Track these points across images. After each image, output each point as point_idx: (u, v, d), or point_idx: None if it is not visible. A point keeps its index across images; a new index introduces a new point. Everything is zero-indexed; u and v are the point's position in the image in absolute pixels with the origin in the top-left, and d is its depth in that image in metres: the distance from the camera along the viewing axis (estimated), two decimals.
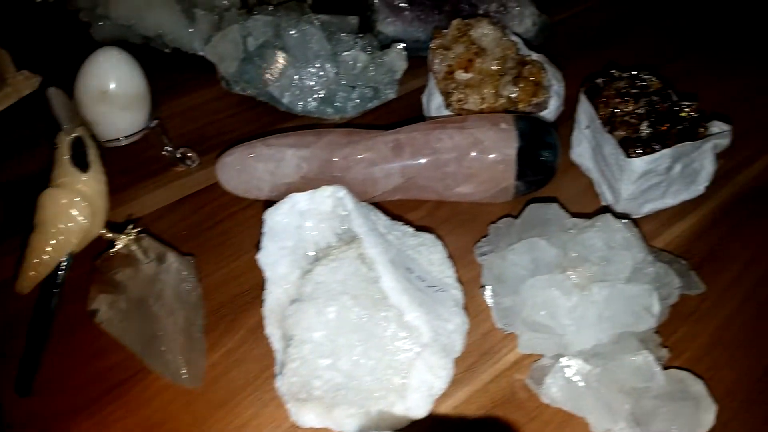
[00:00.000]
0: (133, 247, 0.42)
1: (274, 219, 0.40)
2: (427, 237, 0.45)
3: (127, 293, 0.41)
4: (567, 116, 0.62)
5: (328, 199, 0.41)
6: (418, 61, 0.71)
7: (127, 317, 0.41)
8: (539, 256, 0.43)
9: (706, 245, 0.51)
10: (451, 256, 0.46)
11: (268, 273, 0.40)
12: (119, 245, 0.42)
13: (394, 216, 0.53)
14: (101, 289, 0.42)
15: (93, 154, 0.42)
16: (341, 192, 0.41)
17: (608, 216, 0.43)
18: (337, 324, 0.37)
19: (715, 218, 0.53)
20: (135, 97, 0.55)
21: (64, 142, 0.40)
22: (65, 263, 0.41)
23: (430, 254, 0.44)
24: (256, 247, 0.41)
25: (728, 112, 0.63)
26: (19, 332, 0.43)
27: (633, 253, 0.41)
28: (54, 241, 0.39)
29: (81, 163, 0.40)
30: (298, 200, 0.40)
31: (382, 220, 0.44)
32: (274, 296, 0.40)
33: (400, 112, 0.66)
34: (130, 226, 0.42)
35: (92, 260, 0.44)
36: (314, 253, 0.41)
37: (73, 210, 0.39)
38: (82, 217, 0.39)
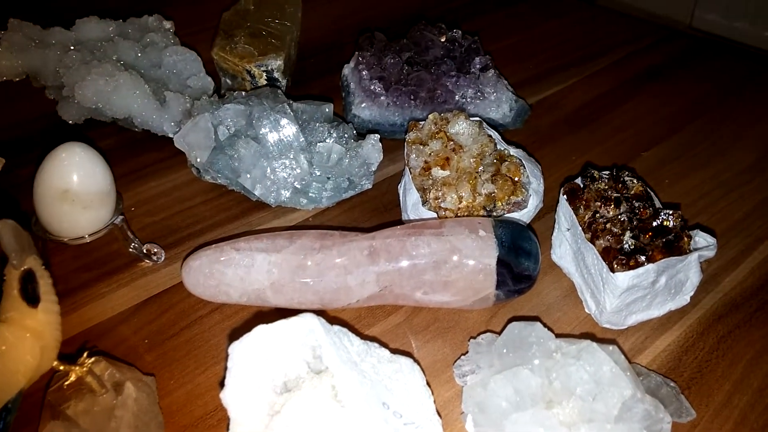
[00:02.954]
0: (88, 379, 0.39)
1: (240, 353, 0.37)
2: (404, 362, 0.43)
3: (81, 426, 0.38)
4: (546, 212, 0.60)
5: (298, 330, 0.38)
6: (394, 143, 0.69)
7: None
8: (522, 387, 0.40)
9: (694, 361, 0.49)
10: (428, 383, 0.43)
11: (233, 413, 0.37)
12: (72, 377, 0.39)
13: (367, 332, 0.51)
14: (53, 425, 0.38)
15: (45, 285, 0.39)
16: (312, 322, 0.38)
17: (593, 346, 0.41)
18: None
19: (702, 329, 0.51)
20: (98, 195, 0.52)
21: (13, 275, 0.38)
22: (12, 404, 0.38)
23: (407, 382, 0.42)
24: (223, 359, 0.39)
25: (706, 206, 0.63)
26: None
27: (621, 389, 0.39)
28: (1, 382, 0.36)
29: (31, 296, 0.37)
30: (266, 332, 0.38)
31: (355, 346, 0.41)
32: None
33: (375, 202, 0.64)
34: (85, 355, 0.39)
35: (44, 391, 0.41)
36: (284, 386, 0.39)
37: (21, 349, 0.36)
38: (30, 356, 0.36)
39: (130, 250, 0.56)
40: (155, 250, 0.57)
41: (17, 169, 0.64)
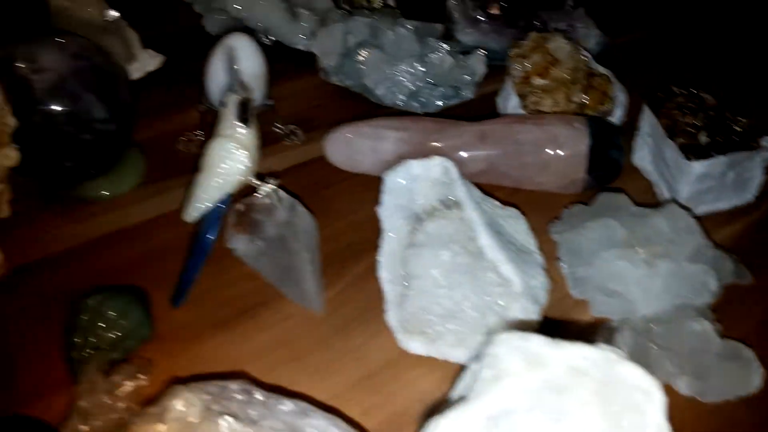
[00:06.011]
0: (272, 196, 0.50)
1: (392, 179, 0.48)
2: (513, 211, 0.53)
3: (265, 232, 0.49)
4: (628, 126, 0.69)
5: (437, 167, 0.48)
6: (491, 68, 0.79)
7: (264, 252, 0.49)
8: (611, 234, 0.50)
9: (754, 247, 0.57)
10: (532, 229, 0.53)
11: (386, 224, 0.48)
12: (261, 193, 0.50)
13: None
14: (242, 228, 0.50)
15: (253, 114, 0.50)
16: (448, 162, 0.48)
17: (674, 205, 0.50)
18: (449, 266, 0.45)
19: (762, 225, 0.60)
20: (258, 78, 0.63)
21: (233, 101, 0.49)
22: (224, 203, 0.49)
23: (516, 225, 0.52)
24: (374, 201, 0.48)
25: None
26: (177, 256, 0.52)
27: (695, 237, 0.48)
28: (219, 180, 0.48)
29: (243, 120, 0.48)
30: (413, 166, 0.48)
31: (476, 192, 0.51)
32: (389, 243, 0.48)
33: (475, 111, 0.73)
34: (272, 178, 0.50)
35: (235, 204, 0.52)
36: (421, 213, 0.49)
37: (236, 155, 0.47)
38: (241, 164, 0.48)
39: (274, 128, 0.67)
40: (297, 131, 0.68)
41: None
